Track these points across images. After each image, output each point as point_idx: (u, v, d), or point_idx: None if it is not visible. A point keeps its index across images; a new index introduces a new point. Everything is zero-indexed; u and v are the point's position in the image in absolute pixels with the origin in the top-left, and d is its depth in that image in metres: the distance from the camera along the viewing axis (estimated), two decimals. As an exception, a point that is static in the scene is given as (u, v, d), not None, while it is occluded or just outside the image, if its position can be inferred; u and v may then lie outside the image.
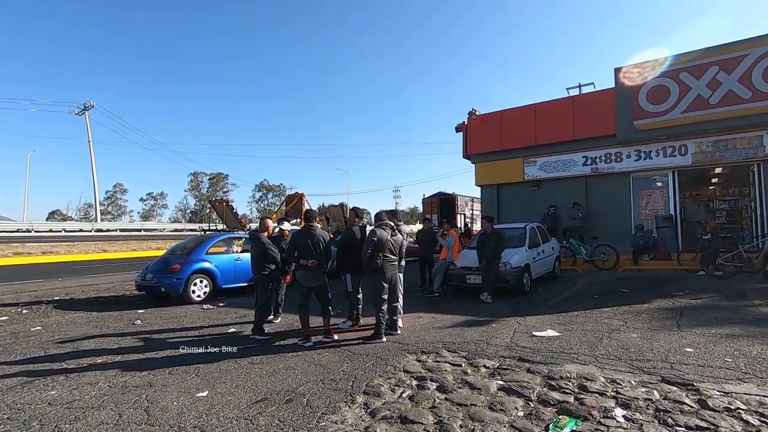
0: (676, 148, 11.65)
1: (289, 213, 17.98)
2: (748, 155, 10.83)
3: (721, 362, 3.94)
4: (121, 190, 68.36)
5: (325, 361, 4.47)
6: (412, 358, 4.45)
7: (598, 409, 3.05)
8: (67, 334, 6.08)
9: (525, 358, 4.28)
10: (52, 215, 61.32)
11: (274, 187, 75.37)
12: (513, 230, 9.33)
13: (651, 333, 5.06)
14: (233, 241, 9.71)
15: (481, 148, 15.05)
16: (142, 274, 8.81)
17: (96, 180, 46.71)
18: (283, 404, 3.36)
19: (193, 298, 8.36)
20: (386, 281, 5.35)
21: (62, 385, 3.94)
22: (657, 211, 12.09)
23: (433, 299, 8.16)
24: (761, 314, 5.78)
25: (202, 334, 5.90)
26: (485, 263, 7.69)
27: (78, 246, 27.08)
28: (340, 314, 6.39)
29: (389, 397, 3.48)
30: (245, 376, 4.05)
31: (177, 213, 70.08)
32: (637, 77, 11.69)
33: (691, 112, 10.97)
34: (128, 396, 3.64)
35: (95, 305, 8.55)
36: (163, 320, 6.91)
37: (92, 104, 47.06)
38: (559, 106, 13.59)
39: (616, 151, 12.50)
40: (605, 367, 3.92)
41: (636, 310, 6.38)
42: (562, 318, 6.06)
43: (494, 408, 3.18)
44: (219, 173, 72.18)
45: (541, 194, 13.82)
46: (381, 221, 5.59)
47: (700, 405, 3.07)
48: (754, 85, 10.18)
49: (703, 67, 10.83)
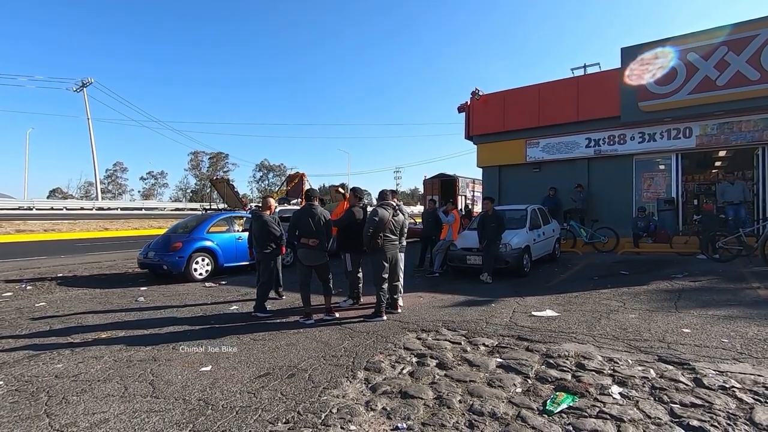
0: (681, 131, 11.53)
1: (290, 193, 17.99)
2: (754, 138, 10.71)
3: (718, 342, 3.99)
4: (121, 168, 68.23)
5: (326, 338, 4.53)
6: (412, 336, 4.51)
7: (595, 387, 3.10)
8: (71, 309, 6.16)
9: (524, 337, 4.33)
10: (53, 193, 61.28)
11: (274, 167, 75.05)
12: (514, 212, 9.34)
13: (649, 314, 5.11)
14: (234, 220, 9.73)
15: (484, 129, 14.90)
16: (144, 251, 8.85)
17: (96, 158, 46.55)
18: (285, 379, 3.42)
19: (195, 276, 8.42)
20: (387, 261, 5.38)
21: (68, 359, 4.01)
22: (659, 194, 12.05)
23: (433, 279, 8.22)
24: (759, 297, 5.82)
25: (204, 311, 5.97)
26: (485, 244, 7.72)
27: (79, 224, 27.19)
28: (341, 293, 6.45)
29: (390, 373, 3.54)
30: (248, 352, 4.11)
31: (178, 192, 70.00)
32: (644, 58, 11.46)
33: (697, 94, 10.81)
34: (133, 370, 3.71)
35: (98, 282, 8.63)
36: (165, 297, 6.98)
37: (90, 81, 46.45)
38: (563, 86, 13.38)
39: (620, 133, 12.37)
40: (603, 347, 3.98)
41: (635, 291, 6.43)
42: (561, 299, 6.11)
43: (493, 384, 3.24)
44: (219, 152, 71.78)
45: (543, 176, 13.76)
46: (384, 201, 5.58)
47: (695, 383, 3.12)
48: (763, 66, 9.99)
49: (711, 48, 10.61)
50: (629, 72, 11.66)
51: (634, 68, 11.57)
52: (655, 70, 11.30)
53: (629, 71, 11.66)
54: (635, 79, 11.54)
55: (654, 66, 11.32)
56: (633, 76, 11.59)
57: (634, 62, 11.57)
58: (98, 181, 47.98)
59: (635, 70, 11.55)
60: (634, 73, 11.57)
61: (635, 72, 11.55)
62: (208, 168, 71.55)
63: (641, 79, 11.45)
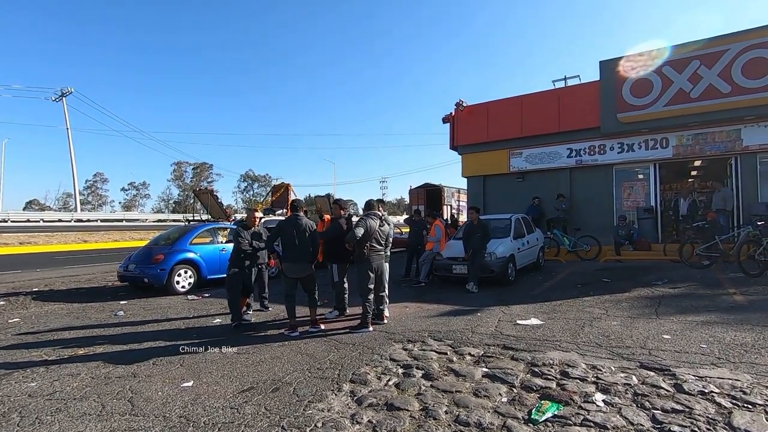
0: (658, 141, 11.88)
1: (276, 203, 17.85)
2: (726, 149, 11.10)
3: (697, 348, 4.08)
4: (101, 179, 66.91)
5: (311, 350, 4.47)
6: (398, 347, 4.49)
7: (579, 394, 3.13)
8: (47, 325, 5.96)
9: (509, 346, 4.35)
10: (30, 205, 59.61)
11: (259, 177, 74.60)
12: (498, 221, 9.43)
13: (630, 321, 5.20)
14: (218, 231, 9.60)
15: (468, 140, 15.09)
16: (124, 264, 8.65)
17: (75, 169, 45.52)
18: (269, 393, 3.36)
19: (177, 289, 8.25)
20: (372, 271, 5.36)
21: (42, 377, 3.87)
22: (638, 203, 12.35)
23: (419, 289, 8.22)
24: (735, 302, 5.98)
25: (186, 325, 5.85)
26: (471, 253, 7.77)
27: (57, 236, 26.41)
28: (327, 304, 6.39)
29: (375, 385, 3.51)
30: (231, 366, 4.03)
31: (160, 203, 68.91)
32: (621, 70, 11.83)
33: (672, 106, 11.17)
34: (111, 387, 3.60)
35: (76, 296, 8.37)
36: (146, 311, 6.81)
37: (70, 90, 45.62)
38: (544, 98, 13.68)
39: (600, 143, 12.68)
40: (586, 354, 4.02)
41: (617, 298, 6.54)
42: (546, 307, 6.18)
43: (479, 394, 3.24)
44: (203, 163, 71.10)
45: (527, 186, 13.98)
46: (371, 210, 5.58)
47: (676, 389, 3.17)
48: (734, 79, 10.40)
49: (685, 61, 11.01)
50: (607, 84, 12.01)
51: (612, 80, 11.92)
52: (632, 82, 11.66)
53: (607, 83, 12.01)
54: (613, 91, 11.88)
55: (631, 78, 11.68)
56: (611, 88, 11.94)
57: (612, 75, 11.93)
58: (77, 192, 46.89)
59: (613, 82, 11.90)
60: (612, 85, 11.92)
61: (613, 84, 11.90)
62: (191, 178, 70.69)
63: (619, 91, 11.80)
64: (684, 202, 11.31)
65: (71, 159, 45.24)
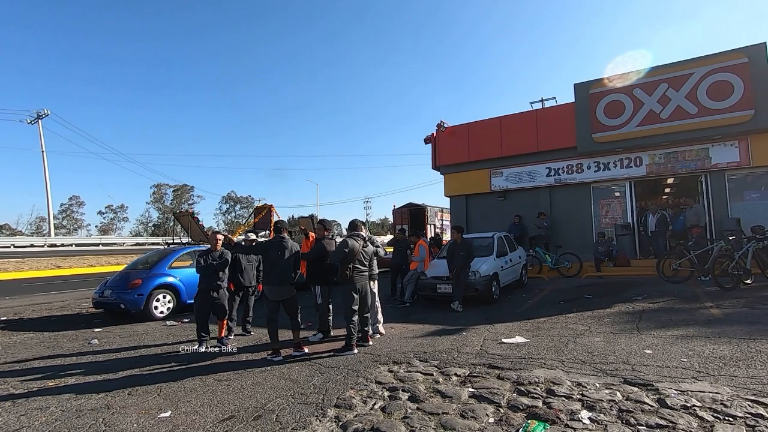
0: (632, 160, 12.29)
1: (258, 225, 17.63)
2: (697, 167, 11.56)
3: (678, 362, 4.14)
4: (77, 202, 64.92)
5: (295, 375, 4.37)
6: (383, 369, 4.43)
7: (565, 412, 3.12)
8: (14, 356, 5.68)
9: (495, 365, 4.34)
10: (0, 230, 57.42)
11: (241, 198, 73.74)
12: (481, 240, 9.52)
13: (613, 336, 5.25)
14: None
15: (450, 160, 15.34)
16: (99, 290, 8.36)
17: (50, 192, 44.03)
18: (251, 421, 3.25)
19: (155, 315, 8.00)
20: (356, 292, 5.31)
21: (8, 412, 3.66)
22: (616, 220, 12.67)
23: (404, 309, 8.17)
24: (712, 316, 6.12)
25: (164, 352, 5.65)
26: (455, 272, 7.79)
27: (28, 262, 25.44)
28: (311, 327, 6.28)
29: (361, 409, 3.43)
30: (211, 394, 3.90)
31: (138, 226, 67.12)
32: (594, 93, 12.31)
33: (644, 126, 11.63)
34: (83, 420, 3.42)
35: (47, 325, 8.02)
36: (122, 339, 6.57)
37: (46, 113, 44.67)
38: (523, 119, 14.07)
39: (577, 162, 13.05)
40: (571, 371, 4.03)
41: (599, 315, 6.62)
42: (530, 324, 6.20)
43: (465, 416, 3.20)
44: (184, 185, 69.80)
45: (508, 204, 14.21)
46: (355, 231, 5.56)
47: (659, 404, 3.20)
48: (699, 101, 10.93)
49: (654, 84, 11.54)
50: (582, 106, 12.46)
51: (586, 102, 12.37)
52: (606, 104, 12.12)
53: (582, 105, 12.46)
54: (588, 113, 12.32)
55: (604, 100, 12.15)
56: (585, 109, 12.38)
57: (586, 97, 12.40)
58: (51, 216, 45.34)
59: (587, 104, 12.36)
60: (587, 106, 12.36)
61: (587, 106, 12.35)
62: (172, 201, 69.35)
63: (593, 113, 12.24)
64: (652, 218, 11.63)
65: (46, 182, 43.88)
